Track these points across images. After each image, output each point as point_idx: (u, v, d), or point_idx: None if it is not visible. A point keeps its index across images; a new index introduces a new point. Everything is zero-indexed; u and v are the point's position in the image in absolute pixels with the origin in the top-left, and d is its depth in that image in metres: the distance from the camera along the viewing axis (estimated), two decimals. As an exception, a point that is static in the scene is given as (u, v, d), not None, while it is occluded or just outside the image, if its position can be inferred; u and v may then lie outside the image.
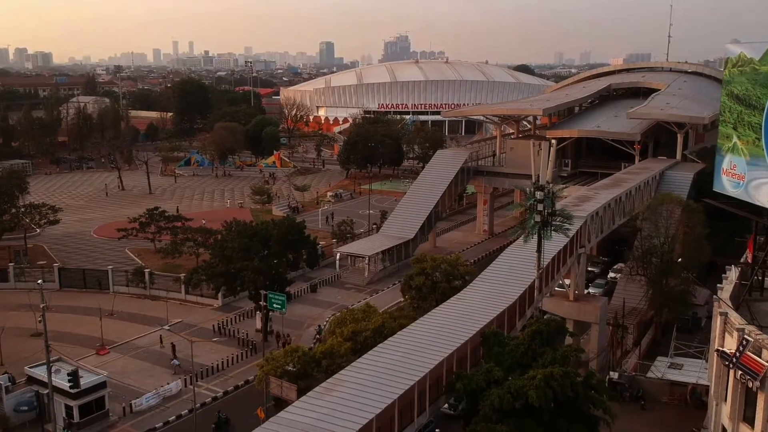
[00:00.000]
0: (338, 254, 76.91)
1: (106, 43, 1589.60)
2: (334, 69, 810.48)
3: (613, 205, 59.93)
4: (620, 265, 74.17)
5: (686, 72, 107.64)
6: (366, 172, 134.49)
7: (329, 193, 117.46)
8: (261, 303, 55.68)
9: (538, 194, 40.18)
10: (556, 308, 53.43)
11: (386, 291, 73.14)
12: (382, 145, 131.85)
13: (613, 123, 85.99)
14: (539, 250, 41.82)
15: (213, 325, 63.73)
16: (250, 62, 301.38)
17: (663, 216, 56.61)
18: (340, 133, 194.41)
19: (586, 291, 60.19)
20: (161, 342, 59.63)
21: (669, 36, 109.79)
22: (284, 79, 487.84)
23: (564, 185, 69.30)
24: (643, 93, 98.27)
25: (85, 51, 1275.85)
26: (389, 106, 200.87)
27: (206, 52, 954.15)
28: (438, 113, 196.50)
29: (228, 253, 56.83)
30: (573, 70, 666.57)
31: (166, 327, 56.55)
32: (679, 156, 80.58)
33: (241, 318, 65.72)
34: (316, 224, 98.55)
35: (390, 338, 38.37)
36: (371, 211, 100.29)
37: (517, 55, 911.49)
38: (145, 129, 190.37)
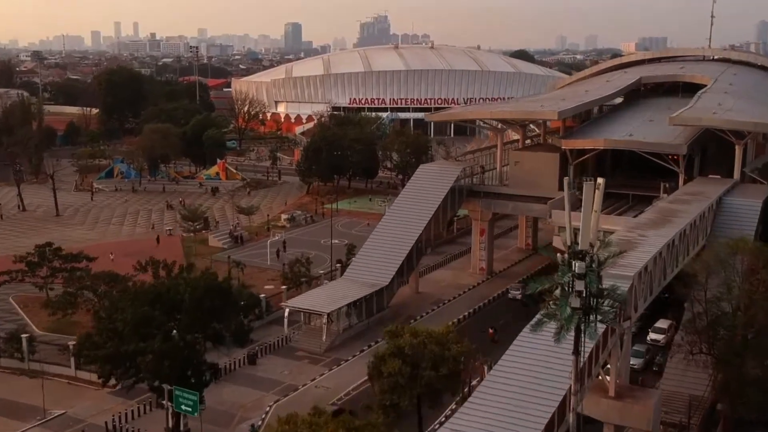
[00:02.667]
0: (287, 309, 65.43)
1: (36, 25, 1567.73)
2: (302, 54, 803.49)
3: (665, 253, 48.99)
4: (664, 322, 63.48)
5: (733, 62, 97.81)
6: (332, 185, 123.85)
7: (283, 216, 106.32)
8: (165, 401, 44.16)
9: (577, 266, 28.94)
10: (591, 408, 42.26)
11: (351, 361, 61.77)
12: (353, 152, 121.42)
13: (649, 130, 75.84)
14: (577, 351, 30.52)
15: (106, 422, 51.96)
16: (196, 47, 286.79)
17: (737, 271, 45.78)
18: (302, 134, 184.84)
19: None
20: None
21: (712, 16, 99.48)
22: (241, 66, 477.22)
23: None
24: (682, 89, 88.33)
25: (11, 33, 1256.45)
26: (362, 102, 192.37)
27: (152, 35, 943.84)
28: (422, 110, 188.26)
29: (119, 328, 45.10)
30: (578, 57, 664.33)
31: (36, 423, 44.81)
32: (737, 174, 70.35)
33: (148, 408, 53.91)
34: (264, 259, 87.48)
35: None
36: (335, 241, 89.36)
37: (513, 40, 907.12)
38: (64, 129, 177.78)
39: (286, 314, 65.51)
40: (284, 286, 73.30)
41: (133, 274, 68.53)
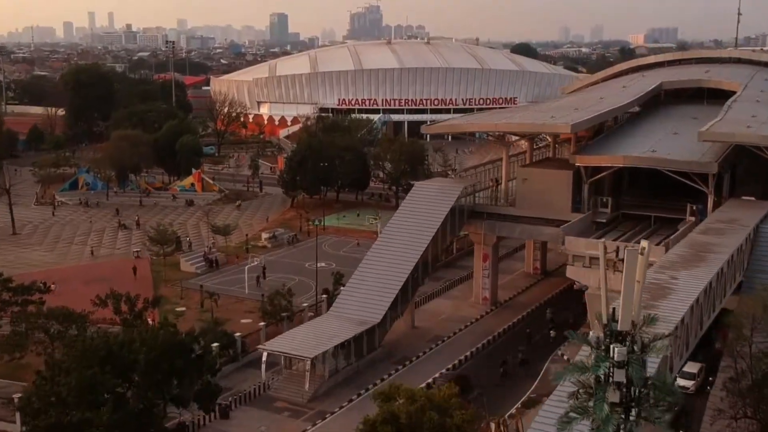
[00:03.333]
0: (265, 353, 60.83)
1: (4, 16, 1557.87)
2: (288, 47, 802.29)
3: (702, 300, 44.60)
4: (693, 366, 58.99)
5: (764, 64, 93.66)
6: (319, 198, 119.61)
7: (264, 235, 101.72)
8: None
9: (617, 350, 24.38)
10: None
11: (338, 414, 57.22)
12: (341, 162, 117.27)
13: (673, 144, 71.67)
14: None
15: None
16: (173, 42, 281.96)
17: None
18: (287, 137, 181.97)
19: None
20: None
21: (739, 13, 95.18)
22: (222, 61, 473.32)
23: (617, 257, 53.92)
24: (707, 95, 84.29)
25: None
26: (352, 102, 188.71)
27: (128, 27, 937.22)
28: (417, 111, 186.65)
29: (62, 393, 40.46)
30: (584, 50, 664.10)
31: None
32: (773, 196, 66.13)
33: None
34: (242, 286, 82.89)
35: None
36: (322, 264, 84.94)
37: (513, 31, 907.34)
38: (26, 133, 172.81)
39: (264, 358, 60.93)
40: (263, 323, 68.64)
41: (91, 310, 64.10)
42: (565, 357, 61.94)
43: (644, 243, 25.97)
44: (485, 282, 78.07)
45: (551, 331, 69.16)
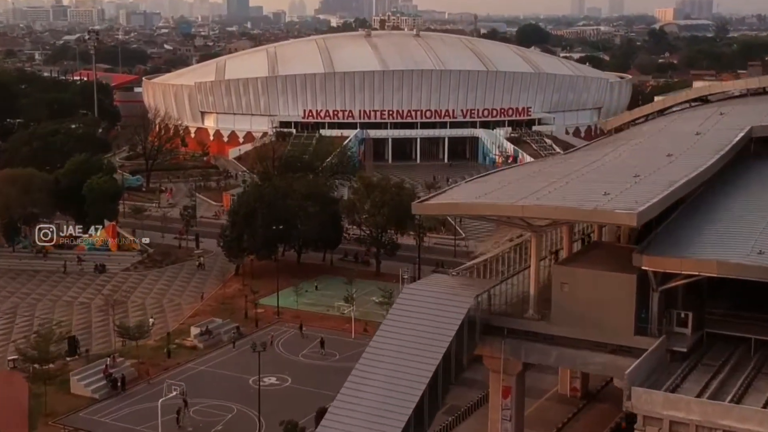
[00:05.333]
0: None
1: None
2: (248, 24, 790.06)
3: None
4: None
5: None
6: (273, 261, 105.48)
7: (194, 330, 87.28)
8: None
9: None
10: None
11: None
12: (303, 214, 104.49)
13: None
14: None
15: None
16: (96, 32, 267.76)
17: None
18: (238, 159, 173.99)
19: None
20: None
21: None
22: (167, 46, 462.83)
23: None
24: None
25: None
26: (321, 114, 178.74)
27: (57, 1, 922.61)
28: (404, 126, 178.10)
29: None
30: (602, 28, 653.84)
31: None
32: None
33: None
34: (154, 426, 67.62)
35: None
36: (273, 380, 71.89)
37: (518, 5, 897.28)
38: None
39: None
40: None
41: None
42: None
43: None
44: (505, 427, 63.69)
45: None
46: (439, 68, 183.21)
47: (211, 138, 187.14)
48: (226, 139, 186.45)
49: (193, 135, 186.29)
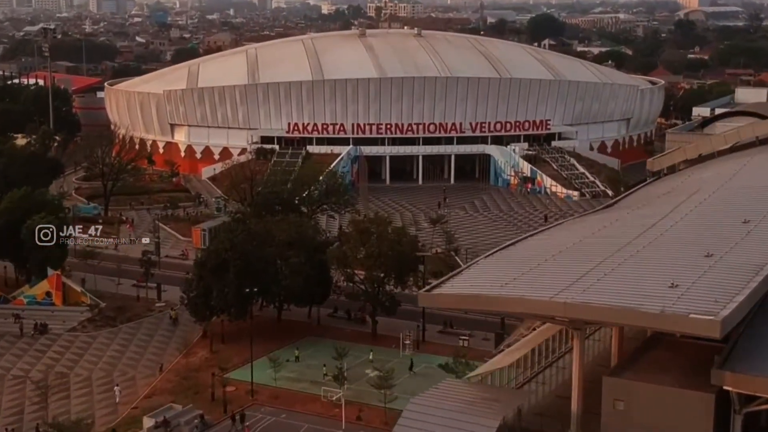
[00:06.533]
0: None
1: None
2: (231, 11, 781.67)
3: None
4: None
5: None
6: (249, 320, 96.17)
7: (147, 422, 77.41)
8: None
9: None
10: None
11: None
12: (286, 265, 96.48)
13: None
14: None
15: None
16: (51, 29, 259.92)
17: None
18: (213, 179, 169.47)
19: None
20: None
21: None
22: (138, 39, 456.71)
23: None
24: None
25: None
26: (308, 129, 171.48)
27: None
28: (405, 142, 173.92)
29: None
30: (621, 15, 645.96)
31: None
32: None
33: None
34: None
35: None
36: None
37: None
38: None
39: None
40: None
41: None
42: None
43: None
44: None
45: None
46: (444, 75, 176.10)
47: (182, 154, 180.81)
48: (199, 155, 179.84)
49: (161, 151, 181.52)
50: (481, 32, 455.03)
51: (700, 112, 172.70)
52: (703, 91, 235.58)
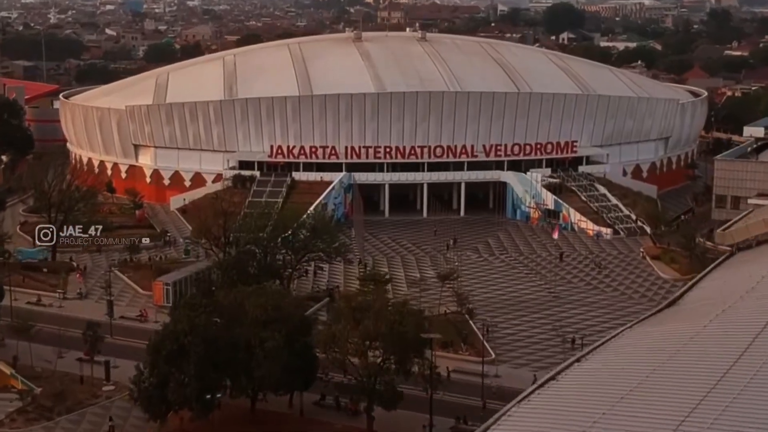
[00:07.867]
0: None
1: None
2: (219, 4, 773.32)
3: None
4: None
5: None
6: (211, 416, 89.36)
7: None
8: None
9: None
10: None
11: None
12: (260, 349, 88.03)
13: None
14: None
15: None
16: (11, 16, 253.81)
17: None
18: (182, 210, 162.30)
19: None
20: None
21: None
22: (109, 31, 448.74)
23: None
24: None
25: None
26: (294, 153, 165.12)
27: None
28: (406, 167, 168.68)
29: None
30: (645, 2, 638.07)
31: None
32: None
33: None
34: None
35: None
36: None
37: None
38: None
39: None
40: None
41: None
42: None
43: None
44: None
45: None
46: (453, 89, 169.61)
47: (148, 180, 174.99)
48: (167, 182, 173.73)
49: (123, 175, 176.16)
50: (492, 23, 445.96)
51: (753, 131, 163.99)
52: (749, 98, 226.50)
